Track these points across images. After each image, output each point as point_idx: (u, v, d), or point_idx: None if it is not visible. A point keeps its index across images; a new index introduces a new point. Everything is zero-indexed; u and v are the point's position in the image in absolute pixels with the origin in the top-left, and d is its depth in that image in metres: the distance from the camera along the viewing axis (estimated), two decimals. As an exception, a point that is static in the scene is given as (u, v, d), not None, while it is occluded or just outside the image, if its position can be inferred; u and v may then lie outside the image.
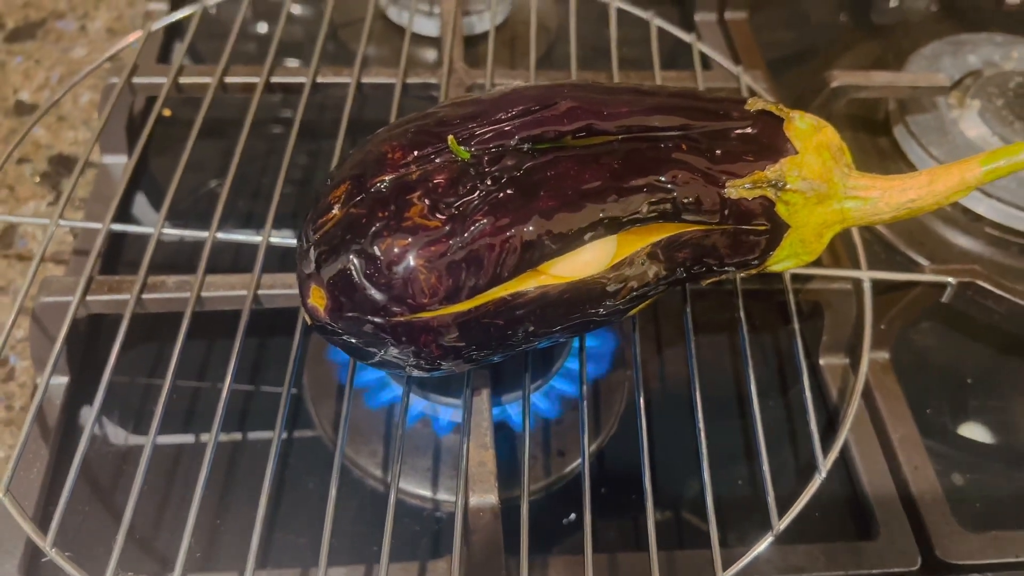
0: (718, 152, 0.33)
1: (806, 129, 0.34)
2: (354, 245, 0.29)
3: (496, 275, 0.30)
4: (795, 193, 0.33)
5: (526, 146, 0.31)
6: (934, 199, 0.34)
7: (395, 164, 0.31)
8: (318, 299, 0.31)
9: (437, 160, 0.31)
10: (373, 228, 0.29)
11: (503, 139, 0.31)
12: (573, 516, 0.41)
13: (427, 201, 0.29)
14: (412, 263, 0.29)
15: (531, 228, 0.30)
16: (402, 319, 0.30)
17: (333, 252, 0.30)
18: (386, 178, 0.30)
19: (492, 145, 0.31)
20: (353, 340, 0.31)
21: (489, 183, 0.30)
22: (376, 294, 0.29)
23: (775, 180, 0.33)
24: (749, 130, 0.34)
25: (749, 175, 0.33)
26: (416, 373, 0.33)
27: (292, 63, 0.59)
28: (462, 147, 0.31)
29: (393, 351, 0.31)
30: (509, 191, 0.30)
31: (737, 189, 0.33)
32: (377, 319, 0.30)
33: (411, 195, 0.30)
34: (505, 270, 0.30)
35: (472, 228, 0.29)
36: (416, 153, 0.31)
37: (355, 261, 0.29)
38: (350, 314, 0.30)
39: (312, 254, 0.31)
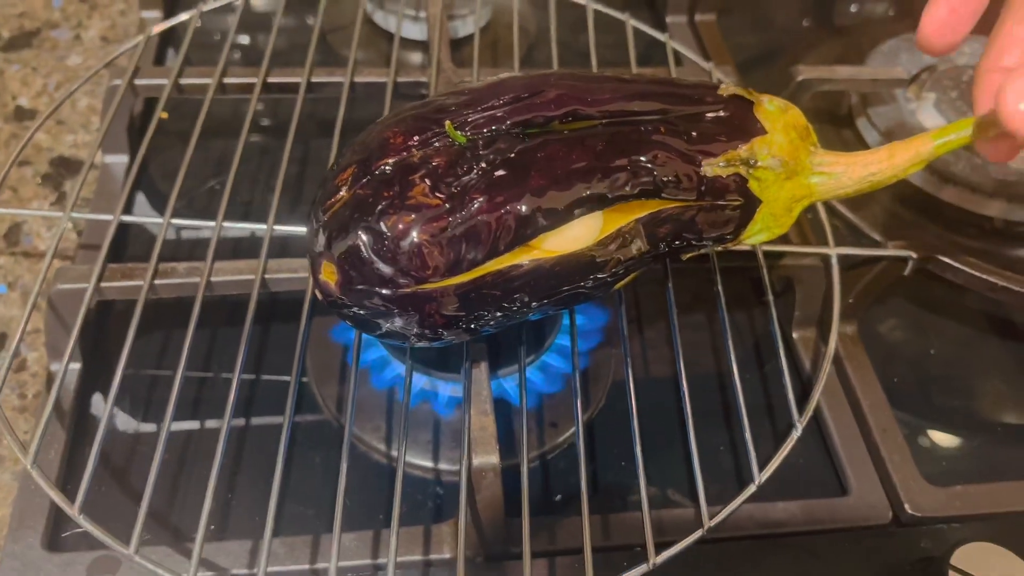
0: (694, 134, 0.36)
1: (774, 111, 0.37)
2: (362, 223, 0.32)
3: (493, 248, 0.32)
4: (765, 170, 0.36)
5: (517, 130, 0.34)
6: (892, 172, 0.37)
7: (397, 148, 0.33)
8: (329, 275, 0.33)
9: (436, 144, 0.33)
10: (379, 207, 0.32)
11: (496, 124, 0.33)
12: (559, 497, 0.43)
13: (428, 181, 0.32)
14: (416, 238, 0.31)
15: (524, 205, 0.32)
16: (408, 290, 0.32)
17: (343, 230, 0.32)
18: (389, 161, 0.33)
19: (486, 130, 0.33)
20: (362, 312, 0.33)
21: (484, 165, 0.32)
22: (384, 267, 0.32)
23: (747, 158, 0.36)
24: (722, 113, 0.36)
25: (723, 154, 0.35)
26: (420, 344, 0.35)
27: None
28: (459, 132, 0.33)
29: (399, 322, 0.33)
30: (503, 172, 0.32)
31: (712, 167, 0.35)
32: (385, 291, 0.32)
33: (413, 176, 0.32)
34: (501, 244, 0.32)
35: (470, 206, 0.31)
36: (417, 138, 0.33)
37: (364, 237, 0.32)
38: (360, 287, 0.32)
39: (322, 233, 0.33)
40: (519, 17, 0.55)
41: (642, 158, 0.34)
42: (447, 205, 0.31)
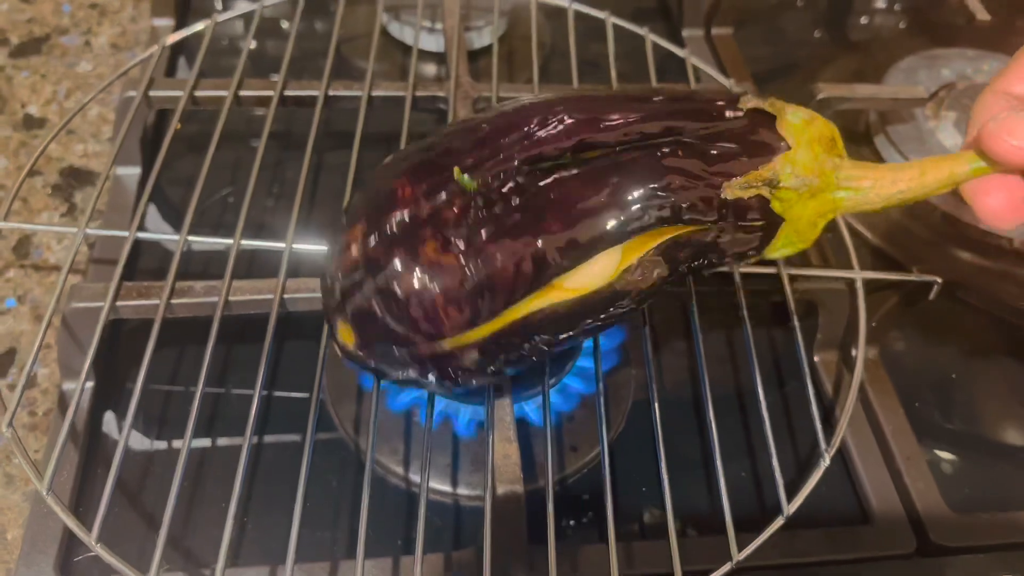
0: (713, 153, 0.34)
1: (799, 124, 0.35)
2: (376, 284, 0.31)
3: (510, 297, 0.31)
4: (789, 190, 0.35)
5: (528, 167, 0.32)
6: (923, 191, 0.35)
7: (406, 201, 0.31)
8: (346, 335, 0.33)
9: (445, 194, 0.31)
10: (391, 267, 0.31)
11: (506, 164, 0.32)
12: (579, 523, 0.42)
13: (440, 237, 0.30)
14: (431, 297, 0.30)
15: (541, 249, 0.31)
16: (425, 348, 0.32)
17: (356, 291, 0.31)
18: (398, 216, 0.31)
19: (496, 171, 0.32)
20: (382, 367, 0.33)
21: (497, 211, 0.31)
22: (399, 328, 0.31)
23: (769, 178, 0.34)
24: (742, 130, 0.34)
25: (744, 175, 0.34)
26: (440, 392, 0.34)
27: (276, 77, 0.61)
28: (467, 177, 0.31)
29: (418, 374, 0.33)
30: (517, 216, 0.31)
31: (733, 190, 0.34)
32: (402, 349, 0.32)
33: (424, 231, 0.31)
34: (519, 292, 0.31)
35: (485, 257, 0.30)
36: (425, 187, 0.31)
37: (378, 300, 0.31)
38: (377, 346, 0.32)
39: (337, 292, 0.32)
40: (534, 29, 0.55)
41: (659, 186, 0.33)
42: (461, 260, 0.30)
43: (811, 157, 0.35)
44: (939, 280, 0.45)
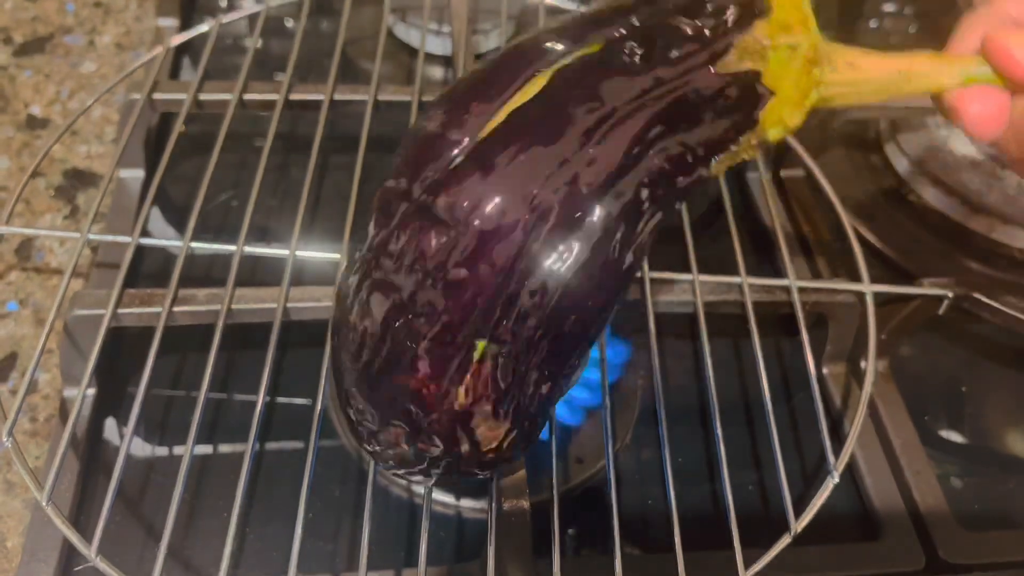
0: (700, 151, 0.32)
1: (784, 58, 0.32)
2: (445, 477, 0.31)
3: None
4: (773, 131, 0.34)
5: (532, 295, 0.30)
6: (903, 96, 0.34)
7: (432, 398, 0.29)
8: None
9: (469, 374, 0.29)
10: (459, 460, 0.30)
11: (515, 302, 0.29)
12: (586, 535, 0.42)
13: (490, 415, 0.30)
14: (501, 463, 0.31)
15: (574, 354, 0.31)
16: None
17: (424, 474, 0.32)
18: (437, 417, 0.30)
19: (514, 318, 0.29)
20: None
21: (528, 355, 0.30)
22: (476, 475, 0.32)
23: (757, 139, 0.33)
24: (727, 107, 0.32)
25: (731, 150, 0.32)
26: None
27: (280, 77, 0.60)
28: (485, 343, 0.29)
29: None
30: (544, 347, 0.30)
31: (720, 166, 0.33)
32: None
33: (471, 422, 0.29)
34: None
35: (533, 400, 0.30)
36: (446, 371, 0.29)
37: (442, 472, 0.31)
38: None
39: (391, 464, 0.32)
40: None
41: (652, 216, 0.31)
42: (513, 421, 0.30)
43: (796, 91, 0.33)
44: (949, 294, 0.45)
